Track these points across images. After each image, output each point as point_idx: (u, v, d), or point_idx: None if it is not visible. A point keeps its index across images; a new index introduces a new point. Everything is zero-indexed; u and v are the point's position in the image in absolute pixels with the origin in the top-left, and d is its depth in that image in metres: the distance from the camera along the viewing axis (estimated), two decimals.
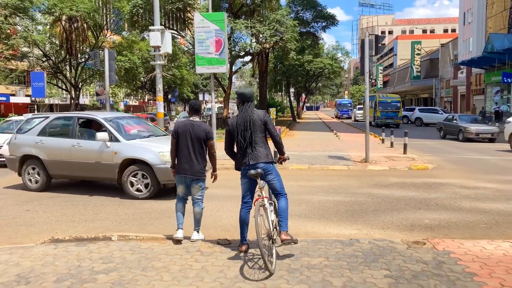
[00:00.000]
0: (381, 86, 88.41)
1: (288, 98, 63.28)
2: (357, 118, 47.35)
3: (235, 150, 5.05)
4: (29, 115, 10.38)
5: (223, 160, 13.61)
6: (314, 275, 4.26)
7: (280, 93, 72.19)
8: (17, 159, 9.50)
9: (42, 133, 9.41)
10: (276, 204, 4.96)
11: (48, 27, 40.19)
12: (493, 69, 38.43)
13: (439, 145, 19.26)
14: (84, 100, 68.14)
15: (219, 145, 16.03)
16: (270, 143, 5.10)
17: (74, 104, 40.70)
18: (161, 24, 14.66)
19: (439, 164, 13.10)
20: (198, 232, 5.60)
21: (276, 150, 5.26)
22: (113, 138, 8.68)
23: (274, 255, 4.51)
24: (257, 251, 4.88)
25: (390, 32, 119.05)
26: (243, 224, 5.01)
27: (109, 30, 43.19)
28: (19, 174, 9.66)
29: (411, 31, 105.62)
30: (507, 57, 33.28)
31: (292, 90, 64.51)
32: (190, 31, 30.70)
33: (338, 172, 11.77)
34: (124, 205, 8.04)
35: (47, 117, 9.68)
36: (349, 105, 61.36)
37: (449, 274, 4.26)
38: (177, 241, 5.41)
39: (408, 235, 5.81)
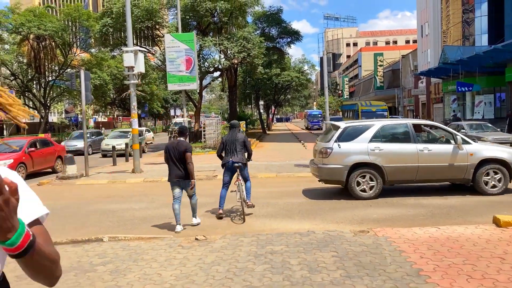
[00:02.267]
0: (347, 96, 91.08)
1: (257, 111, 64.59)
2: None
3: (223, 154, 8.34)
4: (346, 124, 9.96)
5: (197, 171, 14.51)
6: (276, 258, 5.26)
7: (250, 106, 73.55)
8: (345, 168, 9.18)
9: (375, 140, 9.36)
10: (244, 185, 8.20)
11: (15, 46, 40.16)
12: (449, 78, 40.80)
13: None
14: (52, 118, 67.41)
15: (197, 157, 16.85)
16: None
17: (44, 122, 40.64)
18: None
19: None
20: (196, 217, 7.59)
21: (247, 156, 8.52)
22: (462, 141, 9.31)
23: (244, 211, 7.79)
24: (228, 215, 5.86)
25: (355, 44, 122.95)
26: (222, 197, 8.18)
27: (77, 48, 43.43)
28: (344, 185, 9.42)
29: (375, 43, 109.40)
30: (460, 68, 35.53)
31: (261, 102, 65.90)
32: (160, 48, 31.61)
33: (303, 178, 12.85)
34: (108, 214, 8.84)
35: (371, 125, 9.66)
36: (319, 115, 58.31)
37: (383, 252, 5.34)
38: (177, 233, 7.01)
39: (357, 227, 6.88)
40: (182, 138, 7.48)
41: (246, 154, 8.35)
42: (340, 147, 9.32)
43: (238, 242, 6.03)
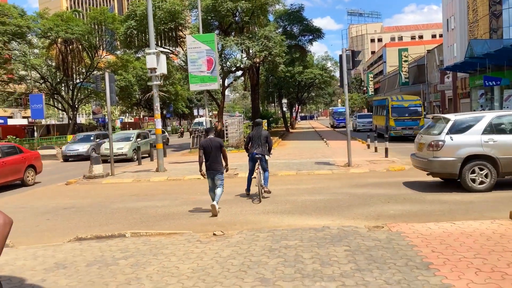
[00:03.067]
0: (372, 93, 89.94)
1: (280, 109, 64.63)
2: (358, 128, 40.69)
3: (249, 147, 10.12)
4: (456, 116, 9.95)
5: None
6: (289, 252, 5.42)
7: (273, 104, 73.68)
8: (459, 160, 9.21)
9: (487, 131, 9.31)
10: (263, 173, 9.89)
11: (44, 50, 41.44)
12: (476, 73, 39.93)
13: None
14: (80, 119, 69.19)
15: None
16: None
17: (72, 124, 41.82)
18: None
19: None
20: (217, 203, 8.42)
21: (268, 150, 10.23)
22: None
23: (260, 196, 9.47)
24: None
25: (380, 40, 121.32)
26: (249, 182, 10.36)
27: (103, 51, 44.48)
28: (457, 177, 9.44)
29: (400, 38, 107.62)
30: (487, 62, 34.73)
31: (284, 101, 65.96)
32: (183, 49, 32.07)
33: (322, 176, 12.95)
34: (132, 211, 9.18)
35: (482, 116, 9.65)
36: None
37: (395, 246, 5.43)
38: (214, 210, 8.27)
39: (372, 223, 6.96)
40: (212, 136, 8.79)
41: (267, 147, 10.13)
42: (452, 140, 9.36)
43: (254, 237, 6.22)
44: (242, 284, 4.46)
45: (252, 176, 10.20)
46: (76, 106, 43.93)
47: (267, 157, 10.03)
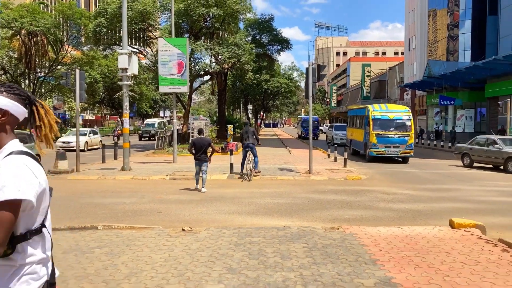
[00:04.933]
0: (335, 105, 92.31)
1: (246, 115, 65.33)
2: (335, 142, 30.51)
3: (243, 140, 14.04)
4: None
5: (184, 171, 15.16)
6: (253, 247, 5.95)
7: (239, 110, 74.32)
8: None
9: None
10: (253, 159, 13.77)
11: (6, 41, 40.28)
12: (432, 92, 42.08)
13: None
14: None
15: (185, 159, 17.60)
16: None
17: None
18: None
19: (371, 175, 15.23)
20: (204, 187, 11.27)
21: (257, 140, 14.16)
22: None
23: (251, 176, 13.22)
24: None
25: (345, 53, 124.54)
26: (242, 165, 13.86)
27: (69, 45, 43.69)
28: None
29: (364, 53, 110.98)
30: (443, 82, 36.78)
31: (250, 107, 66.81)
32: (151, 49, 32.15)
33: (285, 181, 13.59)
34: (100, 207, 9.45)
35: None
36: (316, 122, 51.51)
37: (348, 245, 6.07)
38: (196, 189, 11.37)
39: (328, 225, 7.60)
40: (202, 135, 11.80)
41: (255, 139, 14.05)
42: None
43: (221, 233, 6.71)
44: (211, 272, 4.95)
45: (247, 162, 13.75)
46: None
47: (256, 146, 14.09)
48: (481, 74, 32.43)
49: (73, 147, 22.79)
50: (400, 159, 20.48)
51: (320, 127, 58.20)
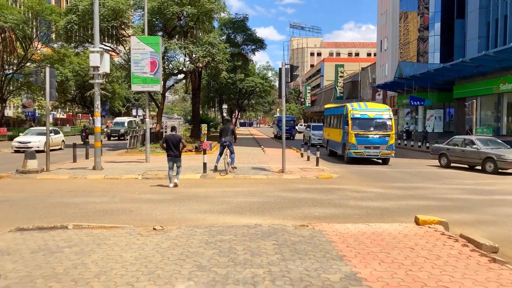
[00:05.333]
0: (309, 104, 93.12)
1: (220, 114, 65.27)
2: (313, 142, 31.17)
3: (221, 137, 15.16)
4: None
5: (156, 171, 15.12)
6: (224, 245, 6.03)
7: (213, 109, 74.16)
8: None
9: None
10: (230, 155, 14.74)
11: None
12: (403, 92, 43.02)
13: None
14: (7, 112, 65.38)
15: (158, 158, 17.51)
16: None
17: (0, 116, 39.70)
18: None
19: (343, 174, 15.52)
20: (177, 179, 12.15)
21: (234, 138, 15.22)
22: None
23: (228, 170, 14.34)
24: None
25: (319, 54, 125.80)
26: (217, 159, 15.22)
27: (39, 42, 42.66)
28: None
29: (338, 54, 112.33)
30: (413, 83, 37.67)
31: (225, 106, 66.76)
32: (124, 47, 31.75)
33: (258, 180, 13.71)
34: (70, 206, 9.34)
35: None
36: (292, 122, 49.75)
37: (316, 242, 6.22)
38: (174, 184, 12.01)
39: (299, 222, 7.75)
40: (174, 132, 12.47)
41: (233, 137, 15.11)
42: None
43: (192, 232, 6.76)
44: (181, 269, 5.01)
45: (222, 157, 14.94)
46: (5, 98, 41.74)
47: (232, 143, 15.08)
48: (449, 75, 33.37)
49: (31, 147, 22.39)
50: (380, 160, 19.80)
51: (296, 127, 57.90)
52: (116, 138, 40.42)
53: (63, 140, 28.02)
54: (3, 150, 25.92)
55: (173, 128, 13.02)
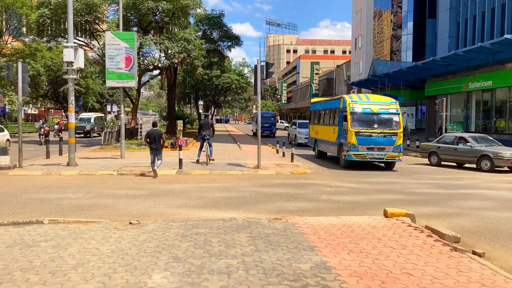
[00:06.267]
0: (285, 102, 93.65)
1: (196, 111, 65.04)
2: (299, 141, 29.22)
3: (201, 131, 16.57)
4: None
5: (132, 167, 15.12)
6: (199, 237, 6.20)
7: (189, 106, 73.80)
8: None
9: None
10: (209, 148, 16.02)
11: None
12: (377, 90, 43.83)
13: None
14: None
15: (133, 154, 17.46)
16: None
17: None
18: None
19: (317, 170, 15.85)
20: (157, 167, 13.30)
21: (213, 132, 16.69)
22: None
23: (208, 162, 15.87)
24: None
25: (295, 51, 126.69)
26: (199, 153, 16.45)
27: (9, 36, 41.62)
28: None
29: (314, 51, 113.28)
30: (387, 80, 38.47)
31: (201, 102, 66.53)
32: (98, 42, 31.33)
33: (233, 176, 13.89)
34: (45, 202, 9.31)
35: None
36: (272, 118, 46.34)
37: (289, 234, 6.45)
38: (155, 172, 13.12)
39: (273, 216, 7.96)
40: (155, 128, 13.94)
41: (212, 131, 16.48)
42: None
43: (168, 226, 6.89)
44: (157, 261, 5.15)
45: (202, 150, 16.28)
46: None
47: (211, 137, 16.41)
48: (421, 73, 34.19)
49: None
50: (383, 164, 17.01)
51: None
52: (82, 135, 37.17)
53: (8, 139, 23.59)
54: None
55: (154, 124, 14.42)
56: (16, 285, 4.37)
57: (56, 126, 35.15)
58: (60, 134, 30.87)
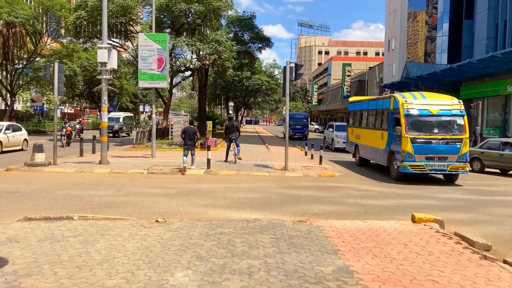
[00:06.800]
0: (316, 103, 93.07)
1: (226, 112, 65.46)
2: (336, 146, 26.92)
3: (227, 133, 17.56)
4: None
5: (162, 166, 15.35)
6: (223, 237, 6.23)
7: (220, 106, 74.42)
8: None
9: None
10: (236, 148, 16.86)
11: None
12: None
13: None
14: (16, 106, 66.05)
15: (163, 154, 17.74)
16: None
17: (9, 110, 40.23)
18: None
19: (345, 173, 15.67)
20: (193, 166, 14.64)
21: (238, 133, 17.55)
22: None
23: (235, 161, 16.70)
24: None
25: (327, 53, 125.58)
26: (226, 153, 17.40)
27: (48, 37, 43.12)
28: None
29: (346, 53, 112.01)
30: (420, 83, 37.61)
31: (231, 104, 66.97)
32: (132, 43, 32.05)
33: (260, 177, 13.91)
34: (76, 198, 9.59)
35: None
36: (305, 120, 42.70)
37: (313, 236, 6.41)
38: (184, 169, 14.07)
39: (297, 218, 7.93)
40: (191, 126, 15.28)
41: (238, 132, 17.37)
42: None
43: (193, 224, 6.97)
44: (180, 259, 5.22)
45: (229, 150, 17.28)
46: (15, 92, 42.26)
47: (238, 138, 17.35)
48: (456, 76, 33.27)
49: None
50: (443, 177, 14.63)
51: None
52: (111, 134, 35.84)
53: (25, 139, 22.36)
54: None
55: (191, 122, 16.15)
56: (45, 277, 4.52)
57: (77, 126, 33.44)
58: (81, 134, 31.39)
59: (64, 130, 25.67)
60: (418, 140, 13.40)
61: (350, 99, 22.56)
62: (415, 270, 5.05)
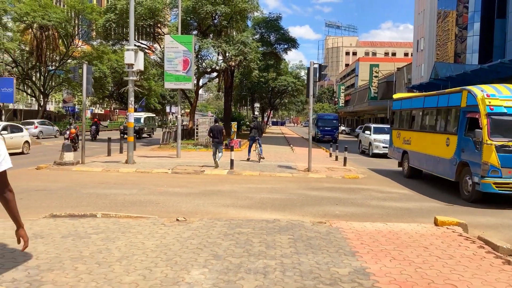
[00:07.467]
0: (343, 104, 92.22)
1: (252, 113, 65.64)
2: (375, 151, 23.28)
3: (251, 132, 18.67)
4: None
5: (186, 166, 15.54)
6: (241, 237, 6.28)
7: (245, 108, 74.71)
8: None
9: None
10: (259, 147, 17.98)
11: (18, 34, 40.96)
12: None
13: None
14: (49, 107, 68.02)
15: (188, 154, 17.95)
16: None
17: (42, 111, 41.51)
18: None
19: (369, 175, 15.48)
20: (219, 160, 15.24)
21: (261, 133, 19.41)
22: None
23: (259, 160, 17.83)
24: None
25: (354, 53, 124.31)
26: (249, 151, 18.67)
27: (79, 40, 44.30)
28: None
29: (374, 54, 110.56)
30: (449, 84, 36.75)
31: (257, 105, 67.13)
32: (160, 45, 32.57)
33: (283, 178, 13.90)
34: (101, 197, 9.83)
35: None
36: (335, 121, 40.20)
37: (332, 238, 6.37)
38: (216, 164, 15.17)
39: (317, 219, 7.89)
40: (217, 124, 16.06)
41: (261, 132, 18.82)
42: None
43: (212, 224, 7.04)
44: (198, 257, 5.29)
45: (253, 149, 18.42)
46: (47, 93, 43.60)
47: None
48: (487, 77, 32.29)
49: None
50: None
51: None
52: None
53: (26, 141, 20.47)
54: (43, 143, 27.18)
55: (216, 120, 17.09)
56: (65, 272, 4.67)
57: (93, 127, 32.59)
58: (97, 135, 31.68)
59: (67, 133, 22.00)
60: (507, 149, 9.96)
61: (395, 96, 19.15)
62: (433, 273, 4.96)
